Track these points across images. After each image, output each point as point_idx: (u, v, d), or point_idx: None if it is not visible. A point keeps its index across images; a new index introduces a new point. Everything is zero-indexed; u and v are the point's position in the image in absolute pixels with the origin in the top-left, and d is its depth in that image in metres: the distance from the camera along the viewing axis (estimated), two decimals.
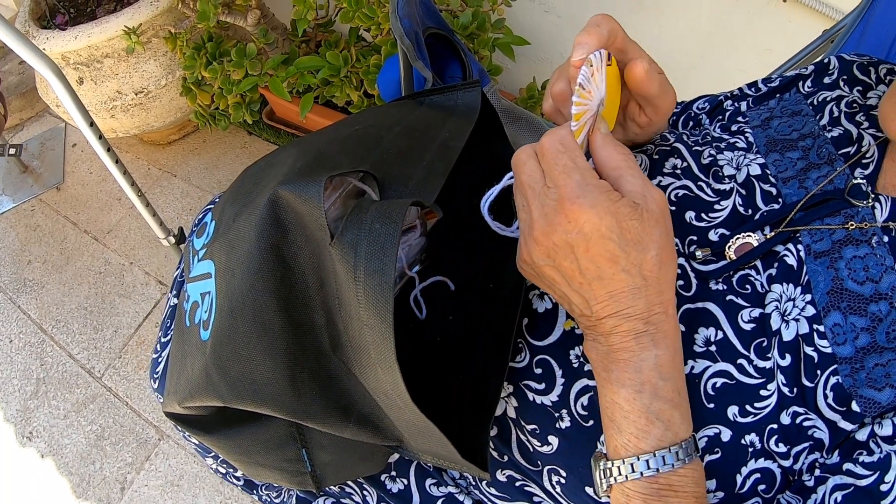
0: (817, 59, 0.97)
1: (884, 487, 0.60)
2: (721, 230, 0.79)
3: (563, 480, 0.78)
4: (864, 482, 0.62)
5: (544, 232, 0.64)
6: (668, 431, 0.64)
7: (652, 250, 0.64)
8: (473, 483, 0.92)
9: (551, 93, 0.83)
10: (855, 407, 0.64)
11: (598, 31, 0.73)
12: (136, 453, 2.15)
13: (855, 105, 0.86)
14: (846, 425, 0.64)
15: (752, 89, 1.02)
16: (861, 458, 0.63)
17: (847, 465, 0.63)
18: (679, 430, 0.65)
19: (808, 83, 0.94)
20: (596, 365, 0.69)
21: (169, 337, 1.09)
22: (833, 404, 0.65)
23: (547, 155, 0.66)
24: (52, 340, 2.44)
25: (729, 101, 1.03)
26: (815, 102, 0.89)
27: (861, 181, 0.76)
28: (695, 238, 0.79)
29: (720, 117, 1.02)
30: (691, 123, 1.08)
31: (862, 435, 0.64)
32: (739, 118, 0.97)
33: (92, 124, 1.53)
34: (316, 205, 0.63)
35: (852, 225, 0.73)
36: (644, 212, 0.63)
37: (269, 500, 1.07)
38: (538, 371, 0.78)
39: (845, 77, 0.90)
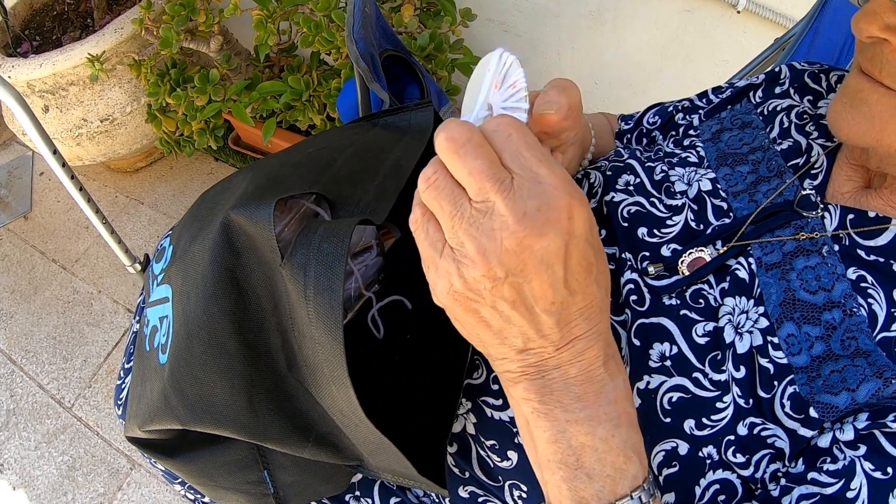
0: (769, 69, 0.98)
1: (850, 494, 0.61)
2: (673, 245, 0.80)
3: (524, 495, 0.78)
4: (829, 490, 0.62)
5: (534, 231, 0.49)
6: (641, 465, 0.58)
7: (604, 253, 0.56)
8: (437, 501, 0.92)
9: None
10: (813, 413, 0.64)
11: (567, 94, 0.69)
12: (109, 483, 2.12)
13: (805, 116, 0.87)
14: (806, 432, 0.65)
15: (704, 101, 1.03)
16: (825, 467, 0.63)
17: (812, 475, 0.63)
18: (645, 461, 0.59)
19: (759, 93, 0.95)
20: (549, 408, 0.57)
21: (131, 363, 1.09)
22: (791, 412, 0.65)
23: (514, 137, 0.53)
24: (21, 371, 2.40)
25: (681, 115, 1.04)
26: (766, 112, 0.91)
27: (810, 192, 0.78)
28: (647, 254, 0.80)
29: (673, 133, 1.03)
30: (645, 140, 1.10)
31: (825, 441, 0.64)
32: (691, 132, 0.98)
33: (55, 152, 1.52)
34: (266, 227, 0.64)
35: (803, 235, 0.74)
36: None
37: None
38: (495, 387, 0.79)
39: (796, 85, 0.92)
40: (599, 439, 0.56)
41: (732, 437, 0.67)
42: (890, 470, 0.60)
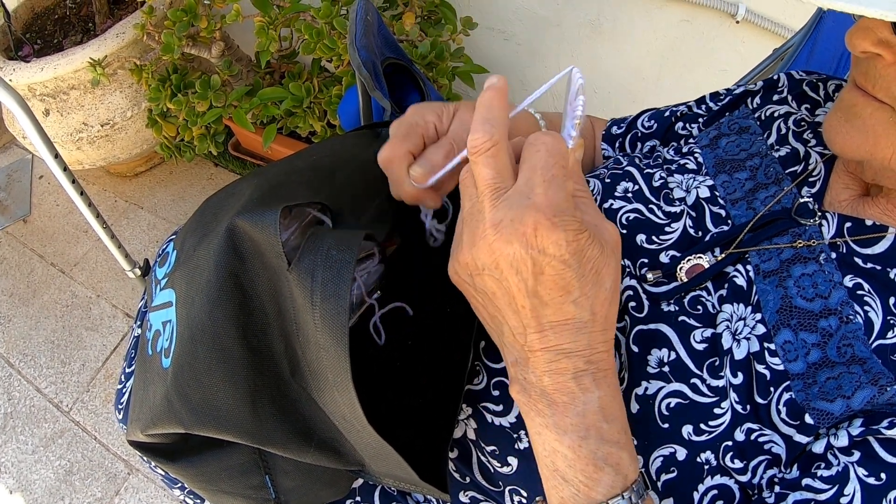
0: (767, 77, 0.99)
1: (844, 500, 0.61)
2: (672, 252, 0.80)
3: (524, 500, 0.79)
4: (823, 496, 0.62)
5: (503, 238, 0.55)
6: (619, 475, 0.60)
7: (607, 283, 0.58)
8: None
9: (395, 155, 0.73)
10: (808, 419, 0.65)
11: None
12: (106, 488, 2.12)
13: (803, 123, 0.87)
14: (801, 438, 0.65)
15: (703, 108, 1.04)
16: (819, 473, 0.63)
17: (806, 481, 0.64)
18: (629, 472, 0.61)
19: (757, 99, 0.95)
20: (528, 410, 0.62)
21: (133, 367, 1.09)
22: (787, 419, 0.66)
23: (542, 152, 0.57)
24: (19, 374, 2.40)
25: (680, 124, 1.04)
26: (763, 117, 0.91)
27: (808, 199, 0.78)
28: (646, 260, 0.81)
29: (674, 143, 1.03)
30: (639, 145, 1.10)
31: (819, 447, 0.65)
32: (691, 140, 0.98)
33: (57, 156, 1.53)
34: (272, 233, 0.64)
35: (800, 243, 0.74)
36: (603, 241, 0.58)
37: None
38: (496, 393, 0.79)
39: (794, 93, 0.92)
40: (567, 447, 0.59)
41: (730, 443, 0.67)
42: (883, 476, 0.61)
